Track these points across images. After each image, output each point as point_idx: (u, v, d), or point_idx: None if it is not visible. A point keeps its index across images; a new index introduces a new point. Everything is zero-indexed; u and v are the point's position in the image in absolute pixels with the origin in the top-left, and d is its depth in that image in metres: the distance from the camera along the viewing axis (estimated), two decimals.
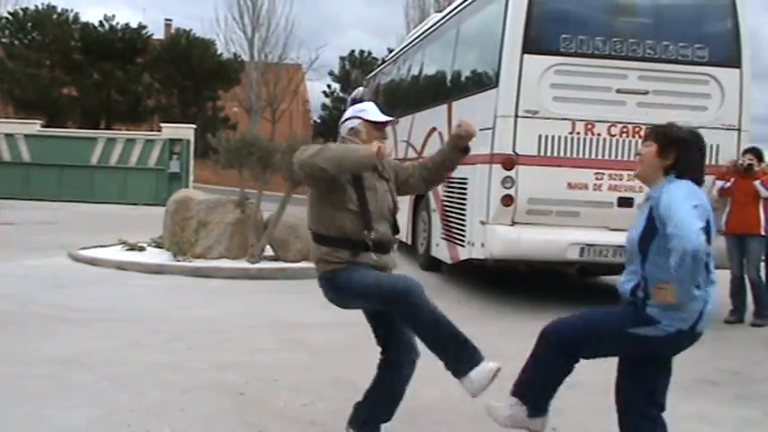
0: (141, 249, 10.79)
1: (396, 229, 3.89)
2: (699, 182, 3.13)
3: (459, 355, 3.55)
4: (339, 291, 3.64)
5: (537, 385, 3.35)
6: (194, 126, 25.10)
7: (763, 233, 7.87)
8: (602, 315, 3.26)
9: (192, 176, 23.93)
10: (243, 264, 9.87)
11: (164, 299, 8.02)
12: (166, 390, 4.72)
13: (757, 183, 7.72)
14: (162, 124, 26.40)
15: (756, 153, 7.92)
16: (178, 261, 9.84)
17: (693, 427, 4.41)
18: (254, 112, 37.83)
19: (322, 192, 3.61)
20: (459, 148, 4.02)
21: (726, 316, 7.90)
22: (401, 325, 3.70)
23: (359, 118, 3.81)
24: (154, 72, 44.16)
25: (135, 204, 21.99)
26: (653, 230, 3.03)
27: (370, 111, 3.85)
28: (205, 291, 8.60)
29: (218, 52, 42.88)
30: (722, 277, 7.99)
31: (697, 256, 2.78)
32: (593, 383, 4.08)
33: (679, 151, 3.11)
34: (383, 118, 3.84)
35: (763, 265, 8.19)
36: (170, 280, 9.15)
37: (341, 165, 3.44)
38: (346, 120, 3.87)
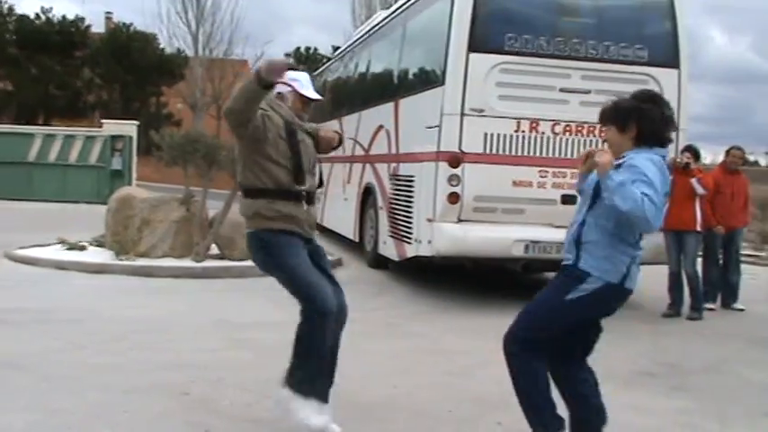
0: (82, 248, 10.54)
1: (320, 182, 4.12)
2: (665, 143, 3.27)
3: (311, 388, 3.79)
4: (267, 254, 3.80)
5: (538, 399, 3.38)
6: (137, 122, 24.61)
7: (698, 229, 8.11)
8: (540, 298, 3.42)
9: (135, 174, 23.45)
10: (188, 263, 9.73)
11: (105, 299, 7.85)
12: (108, 391, 4.62)
13: (693, 180, 7.94)
14: (103, 120, 25.80)
15: (693, 151, 8.15)
16: (120, 260, 9.65)
17: (630, 419, 4.51)
18: (199, 108, 37.30)
19: (251, 145, 3.74)
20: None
21: (664, 310, 8.11)
22: (330, 279, 3.91)
23: (290, 86, 3.88)
24: (94, 66, 43.07)
25: (75, 202, 21.46)
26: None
27: (303, 82, 3.92)
28: (148, 290, 8.45)
29: (161, 47, 42.12)
30: (661, 272, 8.22)
31: (626, 214, 3.07)
32: None
33: (637, 120, 3.22)
34: (312, 94, 3.89)
35: (699, 260, 8.44)
36: (112, 280, 8.96)
37: (241, 97, 3.55)
38: (277, 83, 3.90)
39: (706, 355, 6.52)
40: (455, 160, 7.85)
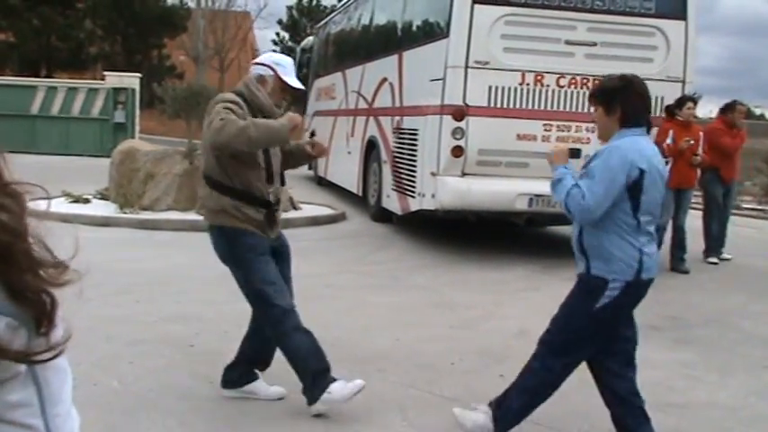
0: (86, 201, 10.55)
1: (282, 183, 4.03)
2: (644, 123, 3.33)
3: (311, 384, 3.76)
4: (230, 249, 3.78)
5: (531, 400, 3.42)
6: (140, 75, 24.42)
7: (696, 185, 8.12)
8: (568, 315, 3.37)
9: (138, 127, 23.36)
10: (191, 216, 9.73)
11: (110, 251, 7.87)
12: (114, 343, 4.68)
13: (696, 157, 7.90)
14: (105, 73, 25.61)
15: (694, 101, 8.07)
16: (125, 213, 9.67)
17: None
18: (202, 60, 37.00)
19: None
20: (307, 157, 4.18)
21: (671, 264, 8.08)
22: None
23: (272, 70, 3.81)
24: (95, 18, 42.61)
25: (79, 155, 21.43)
26: None
27: (287, 69, 3.84)
28: (153, 243, 8.49)
29: None
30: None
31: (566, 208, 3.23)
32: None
33: (621, 102, 3.26)
34: (294, 83, 3.84)
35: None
36: (116, 232, 9.00)
37: (259, 145, 3.60)
38: (260, 64, 3.87)
39: (708, 309, 6.55)
40: (459, 113, 7.79)
